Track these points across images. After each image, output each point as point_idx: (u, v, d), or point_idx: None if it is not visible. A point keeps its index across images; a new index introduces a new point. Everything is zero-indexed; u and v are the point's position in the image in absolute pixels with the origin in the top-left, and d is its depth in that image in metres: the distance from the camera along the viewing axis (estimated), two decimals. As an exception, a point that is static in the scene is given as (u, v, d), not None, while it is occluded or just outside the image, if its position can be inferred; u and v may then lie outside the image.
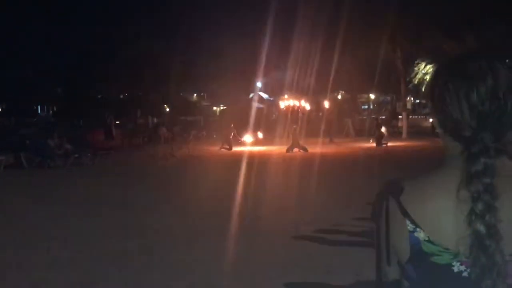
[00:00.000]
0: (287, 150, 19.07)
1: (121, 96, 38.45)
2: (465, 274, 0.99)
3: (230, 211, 8.12)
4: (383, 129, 21.26)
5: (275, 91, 34.93)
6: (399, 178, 1.10)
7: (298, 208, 8.30)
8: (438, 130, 1.12)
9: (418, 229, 1.02)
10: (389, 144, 20.51)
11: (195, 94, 47.15)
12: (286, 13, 26.96)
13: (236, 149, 20.60)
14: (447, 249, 1.00)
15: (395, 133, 26.15)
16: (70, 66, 33.34)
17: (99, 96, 37.48)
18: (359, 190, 9.69)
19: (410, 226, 1.03)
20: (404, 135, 24.97)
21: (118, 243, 6.41)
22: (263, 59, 29.63)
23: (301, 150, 19.02)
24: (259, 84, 37.19)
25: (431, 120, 23.47)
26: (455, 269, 1.00)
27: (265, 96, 40.31)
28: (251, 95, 35.88)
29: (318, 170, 12.85)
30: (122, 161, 17.70)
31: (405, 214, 1.03)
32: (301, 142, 19.57)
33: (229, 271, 5.17)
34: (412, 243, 1.02)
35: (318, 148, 19.74)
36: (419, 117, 38.94)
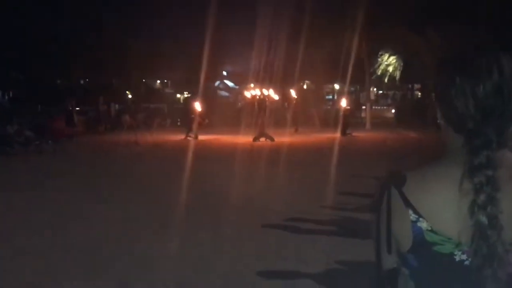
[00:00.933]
0: (254, 139, 19.09)
1: (82, 82, 37.43)
2: (466, 263, 1.02)
3: (197, 201, 8.08)
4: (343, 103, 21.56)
5: (241, 79, 34.81)
6: (402, 168, 1.12)
7: (267, 197, 8.34)
8: (440, 122, 1.14)
9: (421, 219, 1.04)
10: (354, 134, 20.86)
11: (158, 81, 46.43)
12: (251, 1, 26.90)
13: (202, 137, 20.47)
14: (450, 238, 1.03)
15: (359, 123, 26.59)
16: (26, 50, 32.06)
17: (58, 81, 36.34)
18: (326, 179, 9.83)
19: (413, 216, 1.05)
20: (367, 125, 25.43)
21: (82, 232, 6.27)
22: (227, 47, 29.49)
23: (268, 140, 19.08)
24: (224, 73, 37.01)
25: (393, 111, 23.99)
26: (457, 258, 1.03)
27: (230, 84, 40.16)
28: (216, 83, 35.64)
29: (285, 160, 12.94)
30: (85, 149, 17.28)
31: (408, 204, 1.06)
32: (267, 131, 19.63)
33: (199, 262, 5.15)
34: (415, 233, 1.05)
35: (284, 137, 19.86)
36: (382, 107, 39.75)
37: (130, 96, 36.67)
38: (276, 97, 22.44)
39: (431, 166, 1.10)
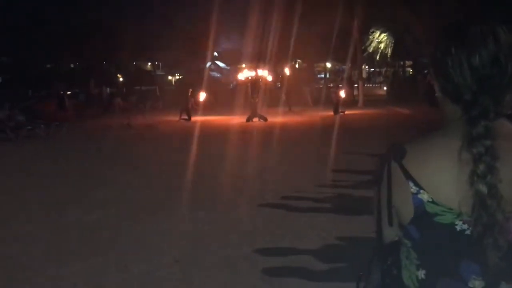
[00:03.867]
0: (247, 120, 19.08)
1: (72, 66, 37.03)
2: (467, 232, 1.04)
3: (193, 181, 8.11)
4: (341, 93, 21.57)
5: (232, 60, 34.58)
6: (402, 141, 1.13)
7: (261, 177, 8.38)
8: (438, 94, 1.15)
9: (421, 191, 1.05)
10: (346, 112, 20.90)
11: (149, 63, 46.03)
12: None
13: (195, 119, 20.43)
14: (450, 209, 1.04)
15: (351, 102, 26.61)
16: (16, 35, 31.57)
17: (48, 66, 35.92)
18: (320, 157, 9.89)
19: (414, 188, 1.06)
20: (360, 103, 25.46)
21: (79, 215, 6.29)
22: (218, 27, 29.18)
23: (261, 120, 19.08)
24: (215, 53, 36.70)
25: (385, 88, 23.90)
26: (458, 228, 1.04)
27: (222, 65, 39.89)
28: (208, 64, 35.40)
29: (278, 139, 12.98)
30: (77, 133, 17.20)
31: (408, 176, 1.07)
32: (260, 112, 19.62)
33: (196, 241, 5.20)
34: (416, 205, 1.06)
35: (277, 117, 19.87)
36: (374, 85, 39.73)
37: (121, 79, 36.36)
38: (269, 78, 22.33)
39: (430, 138, 1.10)
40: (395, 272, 1.16)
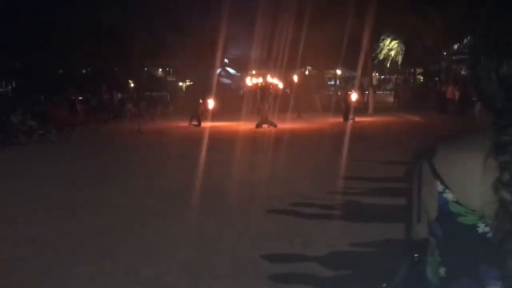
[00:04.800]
0: (257, 126, 19.11)
1: (84, 71, 37.38)
2: (489, 235, 1.06)
3: (202, 187, 8.14)
4: (353, 97, 21.57)
5: (243, 66, 34.69)
6: (435, 142, 1.18)
7: (271, 183, 8.38)
8: (475, 99, 1.20)
9: (447, 190, 1.09)
10: (356, 119, 20.84)
11: (160, 69, 46.35)
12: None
13: (205, 125, 20.50)
14: (474, 211, 1.06)
15: (361, 109, 26.56)
16: (29, 40, 31.97)
17: (60, 71, 36.30)
18: (329, 164, 9.87)
19: (440, 187, 1.10)
20: (370, 110, 25.38)
21: (89, 219, 6.34)
22: (229, 34, 29.32)
23: (270, 126, 19.09)
24: (226, 60, 36.84)
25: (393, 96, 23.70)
26: (480, 230, 1.06)
27: (232, 71, 40.02)
28: (218, 71, 35.55)
29: (288, 145, 12.97)
30: (89, 138, 17.34)
31: (436, 175, 1.11)
32: (270, 118, 19.64)
33: (204, 246, 5.21)
34: (441, 203, 1.10)
35: (287, 123, 19.88)
36: (384, 92, 39.58)
37: (132, 84, 36.63)
38: (280, 84, 22.36)
39: (462, 140, 1.14)
40: (421, 268, 1.21)
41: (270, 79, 21.28)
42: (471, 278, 1.07)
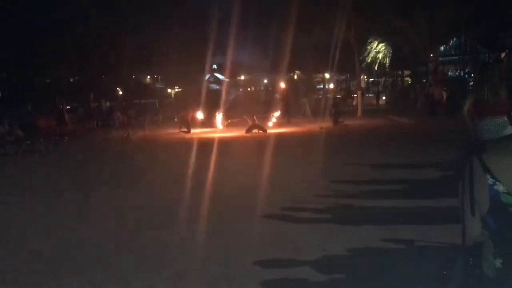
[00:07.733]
0: (247, 131, 19.11)
1: (71, 80, 37.17)
2: None
3: (193, 193, 8.10)
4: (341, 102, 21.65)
5: (231, 72, 34.73)
6: (482, 139, 1.22)
7: (262, 188, 8.35)
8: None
9: (497, 182, 1.15)
10: (345, 122, 20.92)
11: (148, 77, 46.23)
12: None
13: (194, 131, 20.46)
14: None
15: (350, 112, 26.68)
16: (15, 50, 31.75)
17: (47, 80, 36.06)
18: (319, 167, 9.88)
19: (490, 180, 1.16)
20: (359, 113, 25.50)
21: (80, 230, 6.28)
22: (217, 40, 29.35)
23: (260, 131, 19.10)
24: (214, 66, 36.83)
25: (383, 98, 24.15)
26: None
27: (221, 77, 39.99)
28: (207, 77, 35.53)
29: (278, 150, 12.97)
30: (77, 147, 17.20)
31: (486, 169, 1.17)
32: (259, 123, 19.65)
33: (197, 253, 5.18)
34: (492, 195, 1.16)
35: (276, 128, 19.89)
36: (372, 95, 39.77)
37: (120, 92, 36.48)
38: (269, 88, 22.42)
39: (509, 137, 1.22)
40: (478, 274, 1.25)
41: (259, 83, 21.34)
42: None
